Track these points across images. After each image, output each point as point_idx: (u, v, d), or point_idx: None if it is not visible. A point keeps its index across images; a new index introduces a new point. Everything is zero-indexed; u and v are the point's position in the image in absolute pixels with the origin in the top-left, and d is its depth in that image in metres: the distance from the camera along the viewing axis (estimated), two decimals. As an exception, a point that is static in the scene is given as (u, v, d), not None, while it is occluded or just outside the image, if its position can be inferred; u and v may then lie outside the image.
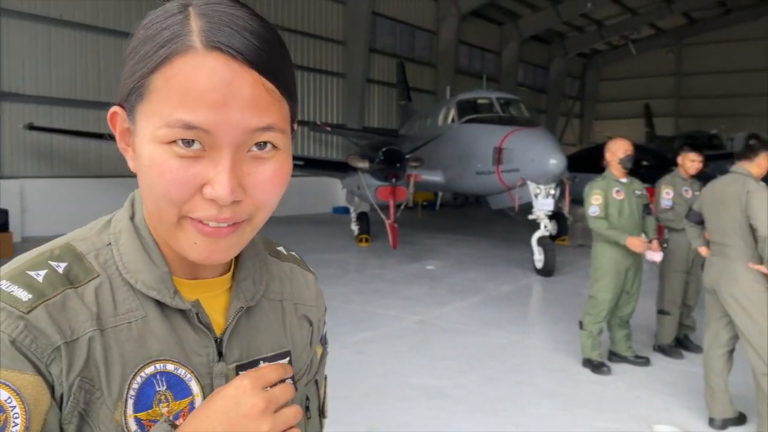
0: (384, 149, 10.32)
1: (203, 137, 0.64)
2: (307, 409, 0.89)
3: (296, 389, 0.82)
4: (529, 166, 9.31)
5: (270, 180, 0.68)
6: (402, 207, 11.01)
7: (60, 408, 0.65)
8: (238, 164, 0.66)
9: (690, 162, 5.41)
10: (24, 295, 0.64)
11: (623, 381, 4.77)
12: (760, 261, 3.69)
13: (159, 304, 0.72)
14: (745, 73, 28.91)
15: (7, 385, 0.60)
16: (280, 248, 0.94)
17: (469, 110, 11.67)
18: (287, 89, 0.69)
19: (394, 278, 8.73)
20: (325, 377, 0.97)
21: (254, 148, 0.67)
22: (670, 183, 5.45)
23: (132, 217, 0.76)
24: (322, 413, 0.95)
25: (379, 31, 20.09)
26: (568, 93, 31.46)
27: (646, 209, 5.06)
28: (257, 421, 0.66)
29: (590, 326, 4.99)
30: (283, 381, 0.72)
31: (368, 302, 7.16)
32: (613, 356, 5.20)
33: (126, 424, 0.67)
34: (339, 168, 11.81)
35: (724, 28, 29.29)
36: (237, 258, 0.81)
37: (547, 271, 9.09)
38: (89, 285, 0.69)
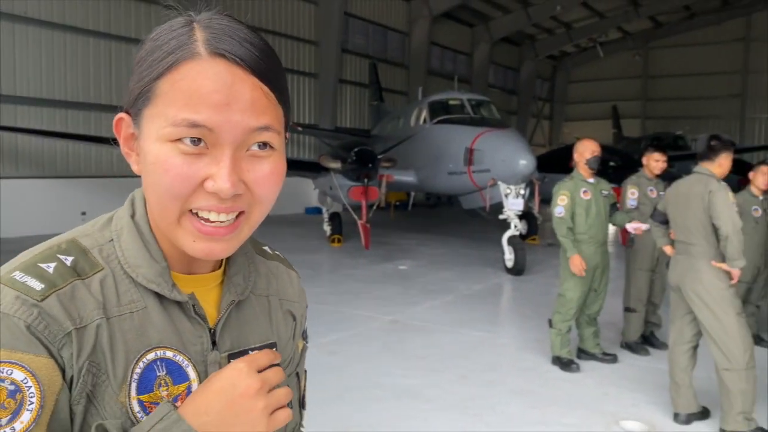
0: (356, 149, 10.33)
1: (206, 135, 0.69)
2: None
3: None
4: (500, 167, 9.42)
5: (268, 177, 0.74)
6: (374, 207, 11.03)
7: (70, 390, 0.69)
8: (238, 161, 0.72)
9: (655, 162, 5.54)
10: (37, 285, 0.69)
11: (592, 378, 4.86)
12: (723, 259, 3.79)
13: (158, 296, 0.77)
14: (708, 76, 29.61)
15: (24, 367, 0.65)
16: (266, 248, 0.99)
17: (440, 111, 11.75)
18: (281, 96, 0.76)
19: (366, 278, 8.74)
20: (306, 372, 1.03)
21: (253, 147, 0.73)
22: (636, 183, 5.57)
23: (132, 215, 0.81)
24: (302, 405, 1.01)
25: (352, 32, 20.08)
26: (538, 95, 31.82)
27: (614, 208, 5.17)
28: (253, 399, 0.72)
29: (559, 324, 5.07)
30: (273, 366, 0.78)
31: (341, 303, 7.16)
32: (582, 354, 5.29)
33: (130, 405, 0.72)
34: (311, 168, 11.78)
35: (689, 32, 29.94)
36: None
37: (517, 270, 9.19)
38: (95, 277, 0.74)
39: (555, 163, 13.91)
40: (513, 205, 9.49)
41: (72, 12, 12.60)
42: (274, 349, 0.88)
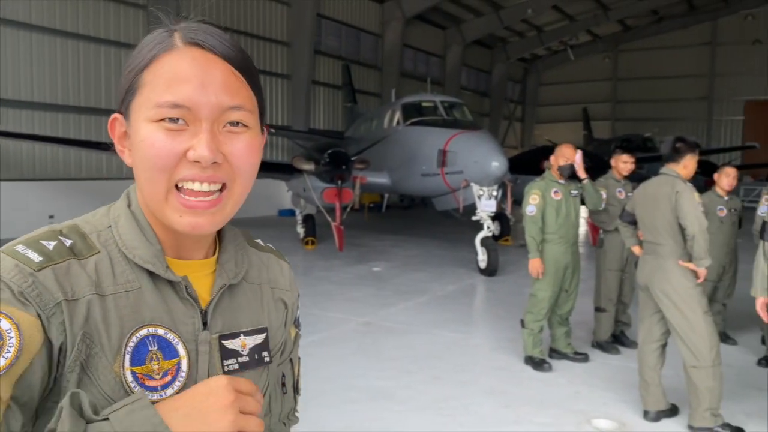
0: (329, 151, 10.31)
1: (186, 114, 0.77)
2: (283, 385, 1.03)
3: (271, 361, 0.95)
4: (473, 168, 9.48)
5: (243, 149, 0.82)
6: (348, 209, 11.03)
7: (58, 359, 0.73)
8: (216, 135, 0.79)
9: (623, 164, 5.63)
10: (36, 257, 0.75)
11: (564, 377, 4.91)
12: (690, 259, 3.87)
13: (152, 277, 0.83)
14: (676, 79, 30.20)
15: (11, 319, 0.70)
16: (258, 240, 1.06)
17: (413, 113, 11.78)
18: (253, 83, 0.85)
19: (340, 280, 8.72)
20: (299, 358, 1.10)
21: (228, 125, 0.81)
22: (604, 184, 5.65)
23: (129, 205, 0.88)
24: (296, 390, 1.08)
25: (325, 33, 20.03)
26: (509, 97, 32.10)
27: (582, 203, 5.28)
28: (223, 410, 0.74)
29: (531, 324, 5.12)
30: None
31: (315, 305, 7.13)
32: (554, 353, 5.34)
33: (123, 375, 0.77)
34: (284, 170, 11.72)
35: (657, 35, 30.51)
36: (220, 244, 0.94)
37: (490, 271, 9.26)
38: (90, 259, 0.80)
39: (527, 164, 14.05)
40: (486, 206, 9.56)
41: (50, 14, 12.37)
42: (265, 335, 0.93)
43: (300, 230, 12.17)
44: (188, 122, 0.78)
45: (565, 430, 3.94)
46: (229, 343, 0.88)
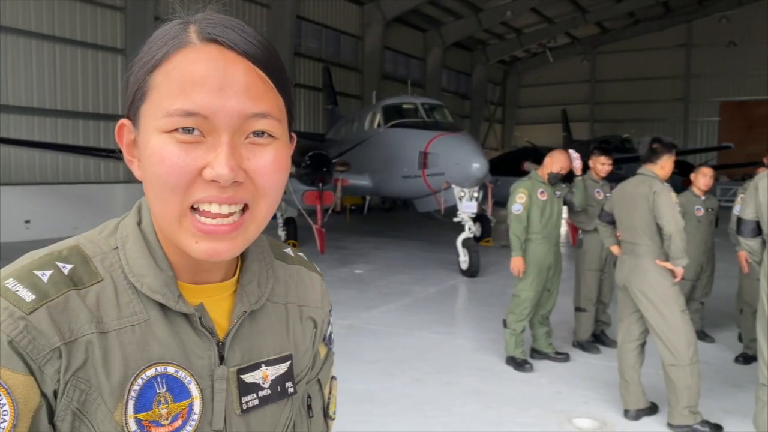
0: (310, 154, 10.29)
1: (202, 124, 0.66)
2: (309, 407, 0.92)
3: (296, 392, 0.84)
4: (453, 170, 9.52)
5: (269, 165, 0.70)
6: (329, 211, 11.00)
7: (54, 406, 0.67)
8: (237, 149, 0.68)
9: (601, 165, 5.69)
10: (28, 296, 0.66)
11: (545, 377, 4.94)
12: (667, 258, 3.91)
13: (162, 307, 0.73)
14: (653, 81, 30.59)
15: (1, 384, 0.63)
16: (287, 250, 0.94)
17: (394, 115, 11.80)
18: (280, 84, 0.72)
19: (322, 283, 8.68)
20: (333, 378, 0.99)
21: (252, 136, 0.69)
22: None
23: (139, 223, 0.77)
24: (327, 414, 0.96)
25: (305, 35, 19.98)
26: (490, 99, 32.28)
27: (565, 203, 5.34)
28: None
29: (513, 324, 5.14)
30: None
31: (296, 308, 7.09)
32: (535, 353, 5.37)
33: (126, 424, 0.69)
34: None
35: (634, 37, 30.88)
36: (243, 261, 0.82)
37: (471, 272, 9.29)
38: (92, 288, 0.70)
39: (507, 166, 14.17)
40: (467, 207, 9.60)
41: (25, 16, 12.18)
42: (289, 363, 0.84)
43: (281, 233, 12.12)
44: (205, 133, 0.67)
45: (546, 430, 3.96)
46: (249, 377, 0.78)
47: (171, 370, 0.72)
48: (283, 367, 0.83)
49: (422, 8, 22.78)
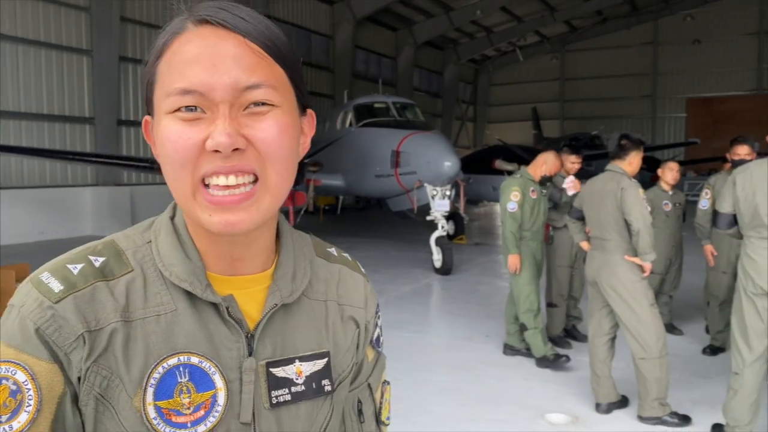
0: (282, 154, 10.19)
1: (200, 100, 0.69)
2: (360, 412, 0.91)
3: (333, 390, 0.84)
4: (426, 169, 9.54)
5: (270, 129, 0.71)
6: (302, 212, 10.95)
7: (78, 392, 0.70)
8: (236, 118, 0.70)
9: (571, 164, 5.73)
10: (57, 287, 0.70)
11: (518, 373, 4.97)
12: (636, 253, 3.96)
13: (191, 298, 0.75)
14: (621, 78, 31.06)
15: (26, 369, 0.67)
16: (331, 249, 0.95)
17: (366, 114, 11.78)
18: (277, 55, 0.73)
19: (295, 284, 8.63)
20: (386, 383, 0.98)
21: (252, 106, 0.71)
22: (553, 182, 5.74)
23: (172, 218, 0.81)
24: (379, 419, 0.95)
25: (275, 35, 19.82)
26: (461, 97, 32.44)
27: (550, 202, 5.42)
28: None
29: (533, 323, 5.05)
30: None
31: (269, 310, 7.04)
32: (508, 349, 5.40)
33: (145, 410, 0.70)
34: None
35: (601, 35, 31.31)
36: (278, 255, 0.83)
37: (445, 270, 9.33)
38: (121, 279, 0.74)
39: (479, 164, 14.24)
40: (439, 206, 9.63)
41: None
42: (326, 360, 0.83)
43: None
44: (205, 109, 0.69)
45: (519, 426, 3.98)
46: (280, 371, 0.78)
47: (195, 360, 0.73)
48: (319, 364, 0.82)
49: (393, 7, 22.79)
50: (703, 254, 5.51)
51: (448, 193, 9.68)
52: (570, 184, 5.05)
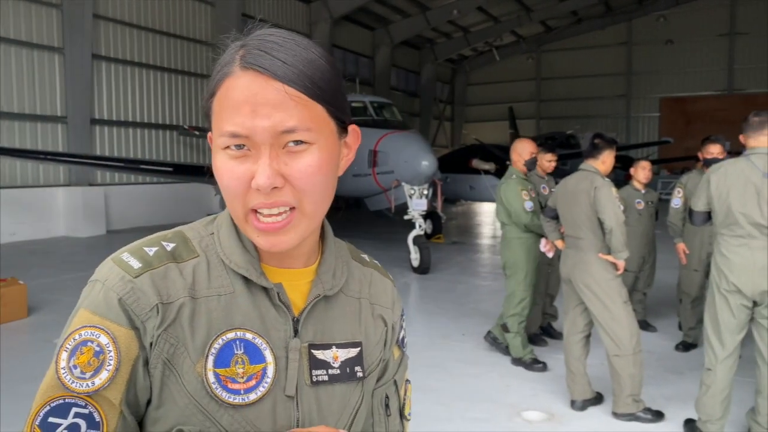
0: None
1: (245, 141, 0.79)
2: (386, 406, 1.01)
3: (365, 377, 0.93)
4: (403, 168, 9.54)
5: (305, 168, 0.80)
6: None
7: (149, 356, 0.80)
8: (276, 158, 0.79)
9: (547, 162, 5.78)
10: (136, 264, 0.82)
11: (495, 372, 5.00)
12: (609, 251, 4.00)
13: (246, 282, 0.86)
14: (596, 78, 31.41)
15: (109, 334, 0.78)
16: (364, 256, 1.07)
17: (343, 114, 11.73)
18: (319, 95, 0.81)
19: (272, 285, 8.58)
20: (408, 381, 1.08)
21: (290, 145, 0.79)
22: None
23: (231, 215, 0.90)
24: (402, 414, 1.05)
25: (251, 34, 19.68)
26: (439, 97, 32.52)
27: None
28: None
29: (516, 326, 5.07)
30: None
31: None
32: (489, 337, 5.43)
33: (206, 375, 0.81)
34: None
35: (577, 36, 31.64)
36: (322, 254, 0.94)
37: (423, 269, 9.34)
38: (189, 262, 0.85)
39: (456, 163, 14.30)
40: (417, 205, 9.64)
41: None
42: (359, 349, 0.93)
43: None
44: (250, 147, 0.79)
45: (496, 424, 4.00)
46: (320, 354, 0.89)
47: (249, 336, 0.84)
48: (352, 352, 0.92)
49: (370, 6, 22.77)
50: (676, 252, 5.59)
51: (425, 192, 9.70)
52: (547, 247, 4.99)
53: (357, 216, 18.57)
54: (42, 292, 7.40)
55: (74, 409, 0.75)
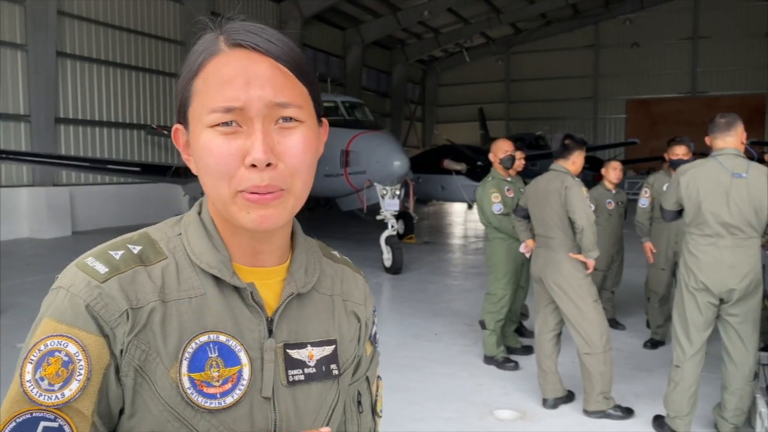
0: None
1: (238, 116, 0.77)
2: (359, 403, 1.01)
3: (340, 374, 0.92)
4: (375, 168, 9.53)
5: (297, 145, 0.80)
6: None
7: (120, 364, 0.77)
8: (269, 134, 0.78)
9: (517, 160, 5.81)
10: (102, 269, 0.79)
11: (467, 371, 5.01)
12: (579, 251, 4.05)
13: (218, 283, 0.84)
14: (564, 80, 31.81)
15: (78, 342, 0.75)
16: (335, 252, 1.06)
17: (314, 113, 11.67)
18: (303, 76, 0.83)
19: (243, 286, 8.49)
20: (379, 377, 1.07)
21: (281, 121, 0.79)
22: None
23: (199, 213, 0.89)
24: (374, 411, 1.05)
25: (220, 32, 19.47)
26: (410, 97, 32.58)
27: None
28: None
29: (493, 325, 5.09)
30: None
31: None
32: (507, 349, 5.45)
33: (180, 380, 0.78)
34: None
35: (545, 38, 32.01)
36: (293, 252, 0.93)
37: (395, 269, 9.35)
38: (157, 265, 0.82)
39: (428, 163, 14.34)
40: (389, 205, 9.64)
41: None
42: (333, 347, 0.92)
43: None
44: (241, 123, 0.78)
45: (468, 423, 4.01)
46: (295, 353, 0.87)
47: (222, 338, 0.82)
48: (327, 350, 0.91)
49: (340, 6, 22.70)
50: (643, 251, 5.69)
51: (397, 192, 9.71)
52: (525, 249, 4.99)
53: (329, 216, 18.50)
54: (5, 295, 7.21)
55: (43, 423, 0.72)
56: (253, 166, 0.77)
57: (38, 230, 13.01)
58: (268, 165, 0.77)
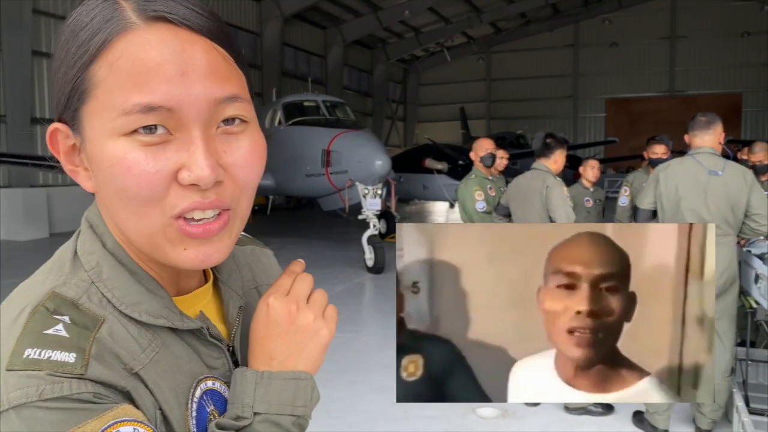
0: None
1: (166, 119, 0.57)
2: None
3: None
4: (357, 168, 9.53)
5: (249, 155, 0.63)
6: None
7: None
8: (212, 143, 0.60)
9: (499, 158, 5.85)
10: (67, 357, 0.56)
11: (449, 369, 5.02)
12: (560, 249, 4.08)
13: (169, 329, 0.67)
14: (544, 79, 32.09)
15: (124, 421, 0.56)
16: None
17: (295, 113, 11.65)
18: (240, 59, 0.64)
19: (224, 287, 8.44)
20: None
21: (222, 124, 0.61)
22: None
23: (104, 246, 0.67)
24: None
25: (200, 31, 19.33)
26: (391, 97, 32.62)
27: None
28: (300, 318, 0.72)
29: None
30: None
31: (197, 314, 6.85)
32: None
33: None
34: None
35: (526, 37, 32.25)
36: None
37: (377, 269, 9.36)
38: (101, 331, 0.61)
39: (409, 162, 14.37)
40: (371, 205, 9.65)
41: None
42: None
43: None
44: (171, 130, 0.58)
45: (451, 422, 4.03)
46: None
47: (210, 383, 0.71)
48: None
49: (321, 5, 22.65)
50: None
51: (379, 192, 9.71)
52: None
53: (310, 216, 18.46)
54: (-20, 299, 7.08)
55: None
56: (194, 185, 0.59)
57: (14, 232, 12.82)
58: (217, 183, 0.60)
